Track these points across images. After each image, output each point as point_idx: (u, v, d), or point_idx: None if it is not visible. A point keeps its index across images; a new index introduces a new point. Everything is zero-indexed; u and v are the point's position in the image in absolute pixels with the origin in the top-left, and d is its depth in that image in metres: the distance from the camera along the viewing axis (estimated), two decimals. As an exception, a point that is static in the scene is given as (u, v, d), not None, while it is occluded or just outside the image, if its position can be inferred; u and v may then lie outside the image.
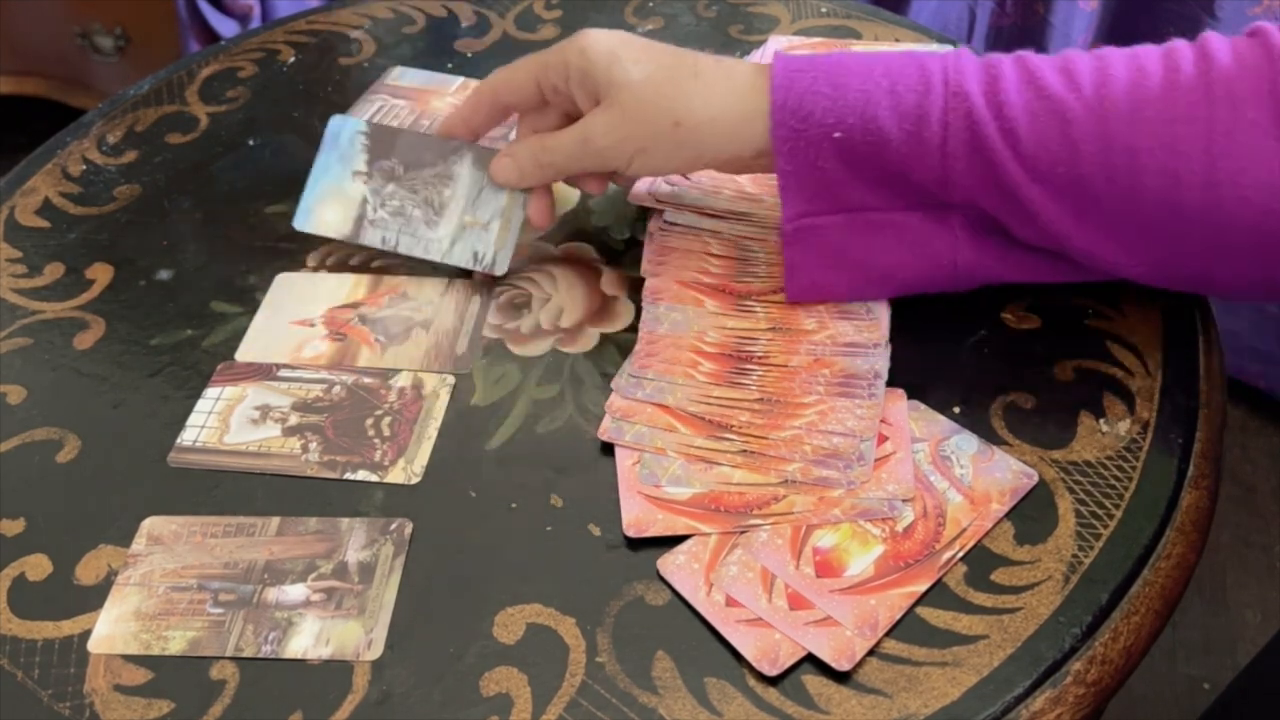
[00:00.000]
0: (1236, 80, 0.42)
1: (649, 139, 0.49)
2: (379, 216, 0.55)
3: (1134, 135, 0.42)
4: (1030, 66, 0.45)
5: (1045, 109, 0.43)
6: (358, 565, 0.43)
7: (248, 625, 0.42)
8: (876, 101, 0.45)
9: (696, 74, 0.48)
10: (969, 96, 0.44)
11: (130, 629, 0.42)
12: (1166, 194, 0.42)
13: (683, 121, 0.48)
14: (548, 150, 0.52)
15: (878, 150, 0.45)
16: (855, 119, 0.45)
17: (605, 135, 0.49)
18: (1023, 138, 0.44)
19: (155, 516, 0.45)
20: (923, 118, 0.45)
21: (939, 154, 0.45)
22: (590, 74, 0.49)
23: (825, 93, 0.45)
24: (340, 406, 0.49)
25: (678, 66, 0.48)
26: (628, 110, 0.48)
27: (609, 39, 0.49)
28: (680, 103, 0.48)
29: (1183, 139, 0.42)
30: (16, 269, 0.57)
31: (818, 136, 0.46)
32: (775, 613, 0.41)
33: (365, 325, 0.53)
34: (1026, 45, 1.27)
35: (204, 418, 0.49)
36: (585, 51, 0.49)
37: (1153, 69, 0.43)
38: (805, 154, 0.46)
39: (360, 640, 0.41)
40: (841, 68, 0.46)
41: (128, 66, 1.50)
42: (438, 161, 0.56)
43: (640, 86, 0.48)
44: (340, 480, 0.46)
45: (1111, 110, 0.43)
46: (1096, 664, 0.40)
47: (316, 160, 0.57)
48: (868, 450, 0.45)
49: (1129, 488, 0.44)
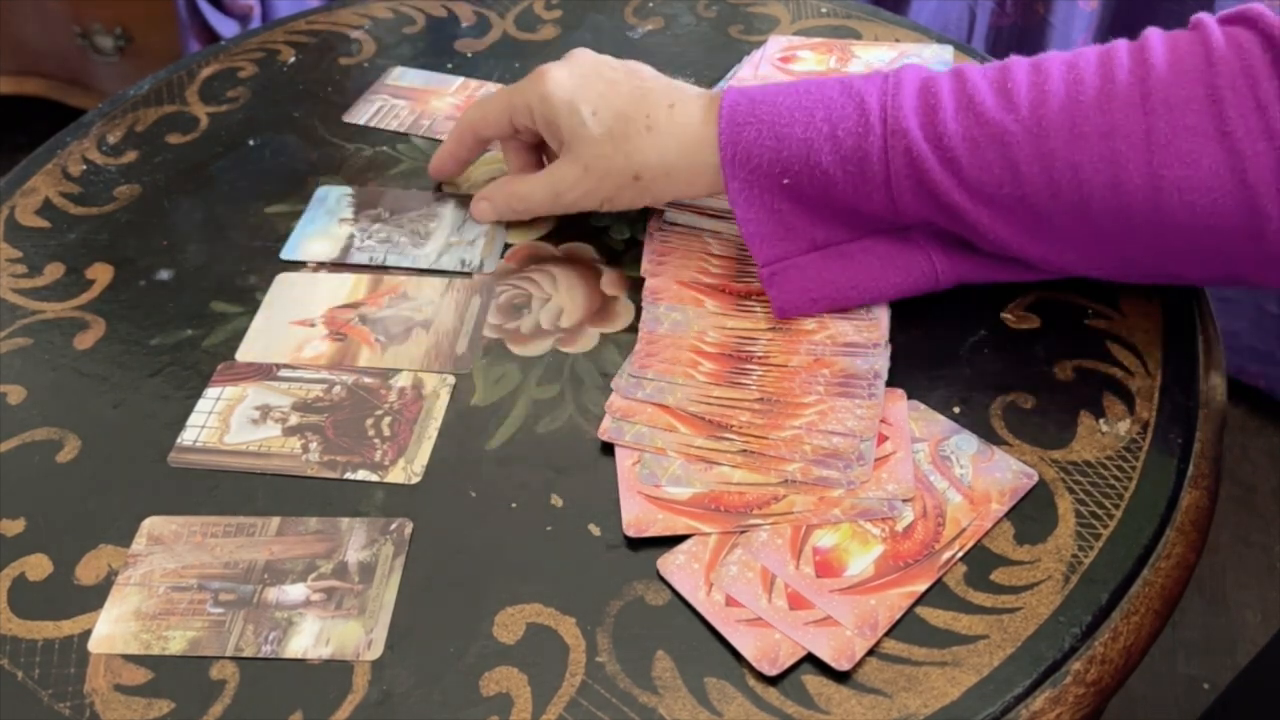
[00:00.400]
0: (1173, 85, 0.42)
1: (613, 190, 0.51)
2: (366, 244, 0.57)
3: (1074, 152, 0.43)
4: (969, 89, 0.45)
5: (984, 134, 0.44)
6: (358, 565, 0.43)
7: (248, 625, 0.42)
8: (818, 148, 0.46)
9: (650, 127, 0.49)
10: (907, 134, 0.45)
11: (130, 629, 0.42)
12: (1111, 205, 0.43)
13: (641, 175, 0.50)
14: (520, 198, 0.55)
15: (825, 192, 0.47)
16: (800, 165, 0.47)
17: (572, 189, 0.52)
18: (964, 165, 0.44)
19: (155, 516, 0.45)
20: (864, 158, 0.46)
21: (884, 190, 0.46)
22: (552, 121, 0.52)
23: (769, 144, 0.47)
24: (340, 406, 0.49)
25: (632, 119, 0.50)
26: (590, 165, 0.51)
27: (569, 83, 0.51)
28: (636, 158, 0.50)
29: (1122, 153, 0.42)
30: (16, 269, 0.57)
31: (769, 184, 0.47)
32: (775, 613, 0.41)
33: (365, 325, 0.53)
34: (1026, 45, 1.28)
35: (204, 418, 0.49)
36: (546, 99, 0.51)
37: (1089, 79, 0.43)
38: (761, 200, 0.48)
39: (360, 640, 0.41)
40: (783, 115, 0.47)
41: (128, 66, 1.50)
42: (422, 206, 0.59)
43: (599, 143, 0.50)
44: (340, 480, 0.46)
45: (1050, 128, 0.43)
46: (1096, 664, 0.40)
47: (303, 216, 0.59)
48: (868, 450, 0.45)
49: (1129, 488, 0.44)
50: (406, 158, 0.63)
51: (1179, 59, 0.43)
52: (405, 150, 0.63)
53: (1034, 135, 0.43)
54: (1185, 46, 0.43)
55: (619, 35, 0.71)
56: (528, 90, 0.52)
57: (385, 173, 0.62)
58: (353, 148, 0.64)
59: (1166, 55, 0.43)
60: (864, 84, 0.47)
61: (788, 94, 0.48)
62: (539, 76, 0.52)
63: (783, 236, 0.49)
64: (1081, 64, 0.44)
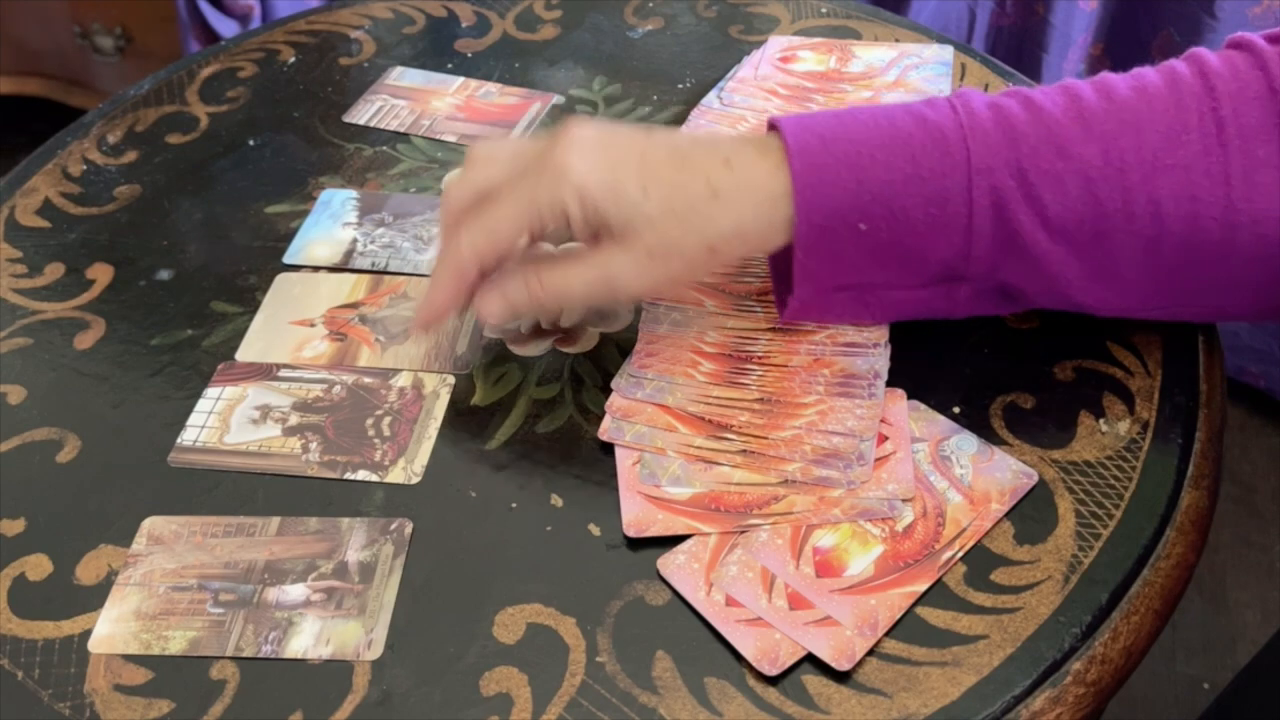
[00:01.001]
0: (1244, 115, 0.42)
1: (683, 269, 0.45)
2: (369, 249, 0.57)
3: (1154, 186, 0.42)
4: (1048, 122, 0.43)
5: (1068, 169, 0.43)
6: (358, 565, 0.43)
7: (248, 625, 0.42)
8: (903, 191, 0.43)
9: (715, 193, 0.43)
10: (992, 171, 0.43)
11: (131, 629, 0.42)
12: (1187, 239, 0.43)
13: (717, 247, 0.44)
14: (556, 293, 0.45)
15: (899, 236, 0.44)
16: (880, 209, 0.43)
17: (636, 279, 0.44)
18: (1048, 203, 0.43)
19: (155, 516, 0.45)
20: (946, 199, 0.43)
21: (964, 232, 0.44)
22: (599, 215, 0.43)
23: (849, 188, 0.43)
24: (340, 406, 0.49)
25: (691, 188, 0.43)
26: (654, 250, 0.44)
27: (598, 165, 0.43)
28: (710, 231, 0.44)
29: (1201, 186, 0.42)
30: (16, 269, 0.57)
31: (841, 228, 0.44)
32: (775, 613, 0.41)
33: (365, 325, 0.53)
34: (1026, 45, 1.28)
35: (204, 418, 0.49)
36: (585, 194, 0.43)
37: (1160, 109, 0.43)
38: (828, 245, 0.44)
39: (360, 640, 0.41)
40: (861, 155, 0.43)
41: (128, 66, 1.50)
42: (425, 211, 0.59)
43: (663, 225, 0.43)
44: (341, 480, 0.46)
45: (1131, 162, 0.42)
46: (1096, 664, 0.40)
47: (306, 220, 0.59)
48: (868, 450, 0.45)
49: (1129, 488, 0.44)
50: (406, 158, 0.63)
51: (1244, 86, 0.42)
52: (405, 150, 0.63)
53: (1117, 169, 0.42)
54: (1246, 72, 0.43)
55: (619, 35, 0.71)
56: (553, 191, 0.43)
57: (385, 172, 0.62)
58: (353, 148, 0.64)
59: (1232, 83, 0.42)
60: (936, 115, 0.44)
61: (858, 130, 0.44)
62: (558, 171, 0.43)
63: (830, 275, 0.46)
64: (1151, 90, 0.43)
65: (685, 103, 0.65)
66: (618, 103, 0.65)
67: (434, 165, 0.62)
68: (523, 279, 0.45)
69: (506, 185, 0.45)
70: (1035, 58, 1.26)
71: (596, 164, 0.43)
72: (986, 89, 0.64)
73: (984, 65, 0.66)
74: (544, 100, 0.66)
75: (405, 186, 0.61)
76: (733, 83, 0.64)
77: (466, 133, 0.64)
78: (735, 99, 0.63)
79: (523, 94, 0.67)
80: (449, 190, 0.47)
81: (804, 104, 0.62)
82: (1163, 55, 1.19)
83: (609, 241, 0.44)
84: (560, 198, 0.43)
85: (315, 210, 0.59)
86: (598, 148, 0.44)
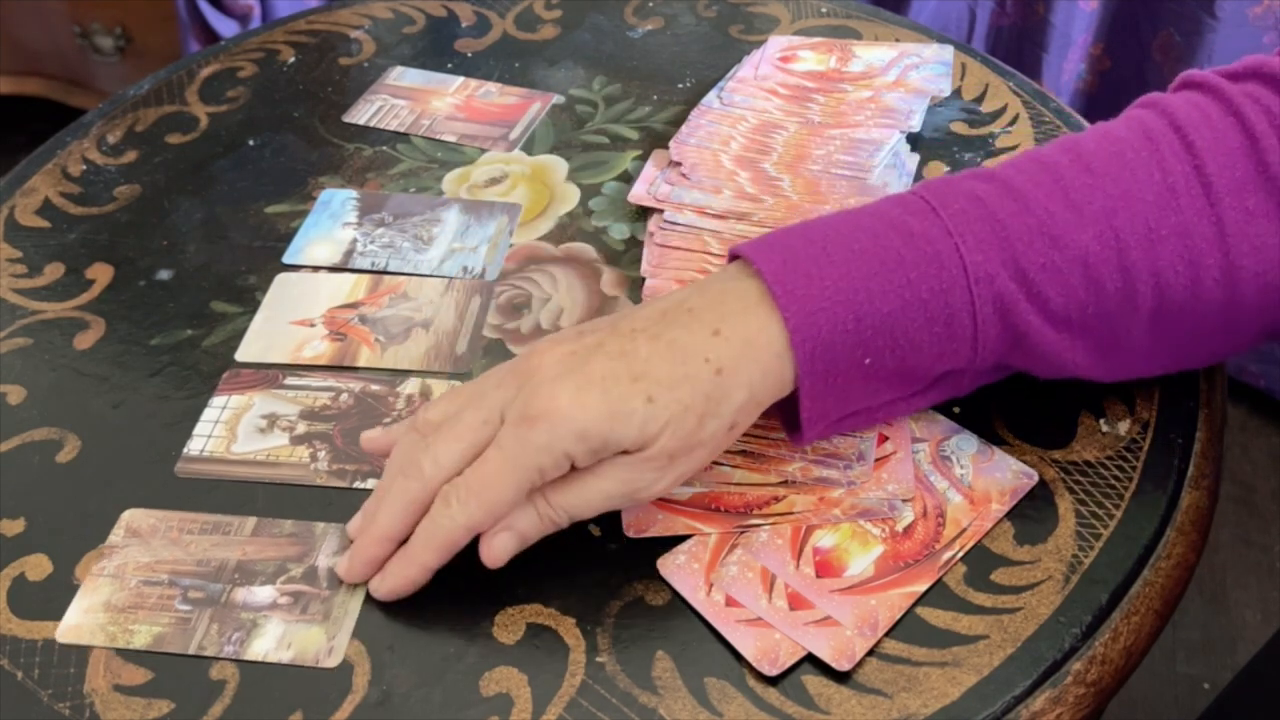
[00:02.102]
0: (1226, 169, 0.41)
1: (708, 457, 0.42)
2: (369, 249, 0.57)
3: (1154, 258, 0.41)
4: (1036, 211, 0.41)
5: (1065, 259, 0.41)
6: (328, 571, 0.43)
7: (213, 624, 0.42)
8: (904, 318, 0.41)
9: (719, 371, 0.40)
10: (994, 280, 0.41)
11: (98, 620, 0.42)
12: (1190, 302, 0.42)
13: (738, 423, 0.41)
14: (569, 516, 0.41)
15: (904, 361, 0.42)
16: (883, 340, 0.41)
17: (661, 483, 0.41)
18: (1051, 297, 0.41)
19: (135, 509, 0.45)
20: (951, 316, 0.41)
21: (970, 344, 0.42)
22: (609, 447, 0.39)
23: (849, 329, 0.40)
24: (348, 414, 0.49)
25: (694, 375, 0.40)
26: (677, 452, 0.40)
27: (590, 399, 0.39)
28: (725, 410, 0.40)
29: (1199, 250, 0.41)
30: (16, 269, 0.57)
31: (845, 366, 0.41)
32: (775, 613, 0.41)
33: (365, 325, 0.53)
34: (1026, 45, 1.28)
35: (210, 426, 0.49)
36: (587, 435, 0.39)
37: (1144, 174, 0.42)
38: (832, 384, 0.42)
39: (321, 647, 0.41)
40: (856, 290, 0.41)
41: (128, 66, 1.51)
42: (425, 211, 0.58)
43: (680, 423, 0.40)
44: (349, 489, 0.46)
45: (1129, 240, 0.41)
46: (1096, 664, 0.40)
47: (306, 220, 0.59)
48: (868, 450, 0.45)
49: (1129, 488, 0.44)
50: (406, 157, 0.63)
51: (1220, 137, 0.42)
52: (405, 150, 0.63)
53: (1114, 250, 0.41)
54: (1218, 120, 0.42)
55: (619, 35, 0.71)
56: (550, 444, 0.39)
57: (385, 172, 0.62)
58: (353, 148, 0.64)
59: (1207, 134, 0.42)
60: (920, 225, 0.42)
61: (842, 256, 0.41)
62: (548, 419, 0.39)
63: (841, 410, 0.43)
64: (1130, 155, 0.42)
65: (685, 103, 0.65)
66: (618, 103, 0.65)
67: (434, 165, 0.62)
68: (533, 508, 0.41)
69: (478, 438, 0.40)
70: (1035, 58, 1.26)
71: (585, 393, 0.39)
72: (986, 89, 0.64)
73: (984, 65, 0.66)
74: (544, 100, 0.66)
75: (405, 186, 0.61)
76: (733, 82, 0.64)
77: (466, 133, 0.64)
78: (735, 99, 0.63)
79: (523, 94, 0.67)
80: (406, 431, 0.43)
81: (804, 104, 0.62)
82: (1163, 55, 1.19)
83: (620, 456, 0.40)
84: (561, 449, 0.39)
85: (315, 210, 0.59)
86: (576, 373, 0.40)
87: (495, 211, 0.59)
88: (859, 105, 0.62)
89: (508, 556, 0.41)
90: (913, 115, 0.60)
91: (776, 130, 0.60)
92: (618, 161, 0.61)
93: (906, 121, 0.60)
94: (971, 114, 0.62)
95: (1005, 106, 0.63)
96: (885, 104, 0.61)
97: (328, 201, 0.60)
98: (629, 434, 0.39)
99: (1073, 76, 1.28)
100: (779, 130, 0.60)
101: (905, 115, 0.60)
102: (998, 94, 0.64)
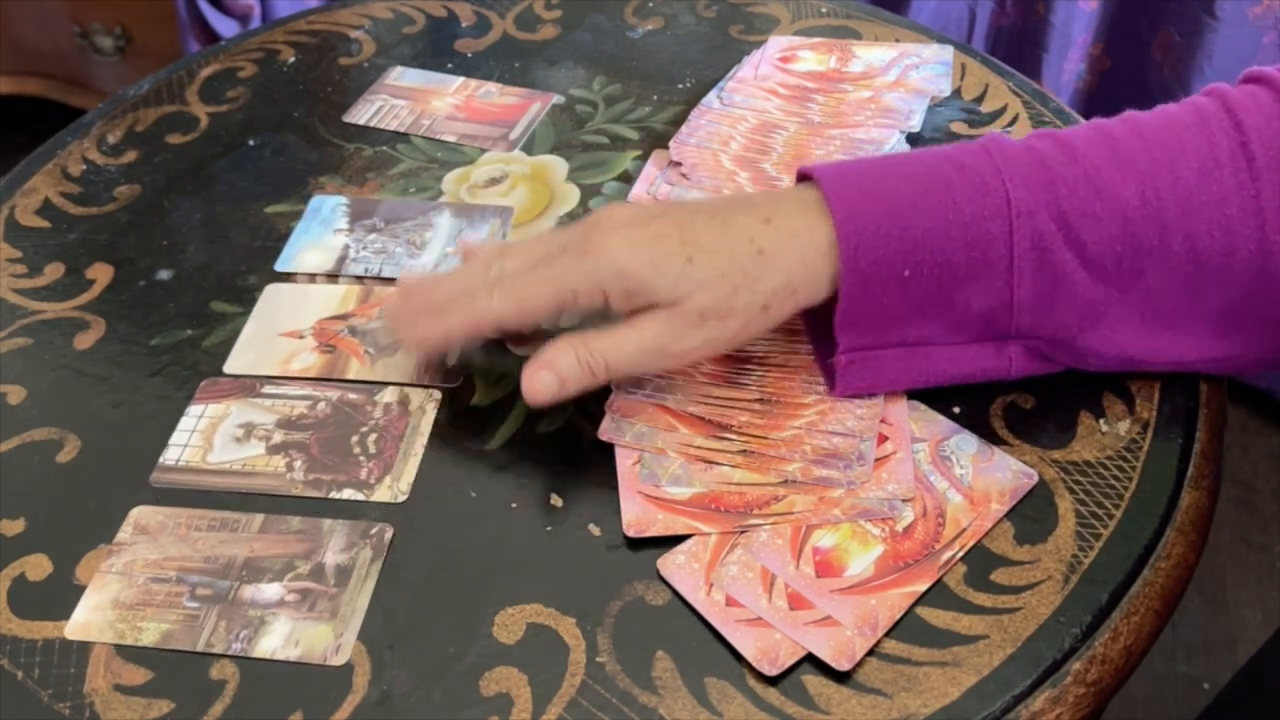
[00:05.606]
0: (1272, 148, 0.42)
1: (739, 331, 0.44)
2: (361, 255, 0.57)
3: (1191, 222, 0.43)
4: (1084, 163, 0.43)
5: (1106, 209, 0.43)
6: (335, 568, 0.43)
7: (221, 621, 0.42)
8: (945, 236, 0.43)
9: (761, 251, 0.43)
10: (1034, 215, 0.43)
11: (107, 617, 0.42)
12: (1224, 273, 0.43)
13: (770, 304, 0.44)
14: (605, 361, 0.44)
15: (942, 284, 0.44)
16: (924, 255, 0.43)
17: (691, 341, 0.44)
18: (1088, 242, 0.43)
19: (144, 506, 0.45)
20: (989, 243, 0.43)
21: (1005, 275, 0.44)
22: (643, 290, 0.43)
23: (893, 235, 0.43)
24: (325, 424, 0.48)
25: (737, 248, 0.43)
26: (708, 313, 0.43)
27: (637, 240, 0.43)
28: (760, 288, 0.43)
29: (1235, 220, 0.42)
30: (16, 269, 0.57)
31: (885, 275, 0.43)
32: (775, 613, 0.41)
33: (355, 337, 0.52)
34: (1026, 45, 1.28)
35: (187, 436, 0.48)
36: (627, 271, 0.43)
37: (1191, 145, 0.43)
38: (870, 291, 0.44)
39: (329, 644, 0.41)
40: (902, 202, 0.43)
41: (128, 66, 1.50)
42: (417, 216, 0.58)
43: (713, 286, 0.43)
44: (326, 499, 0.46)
45: (1169, 201, 0.43)
46: (1096, 664, 0.40)
47: (297, 227, 0.58)
48: (868, 450, 0.45)
49: (1129, 488, 0.44)
50: (406, 158, 0.63)
51: (1269, 120, 0.43)
52: (405, 150, 0.63)
53: (1155, 208, 0.43)
54: (1269, 105, 0.43)
55: (619, 35, 0.71)
56: (592, 271, 0.43)
57: (385, 172, 0.62)
58: (353, 148, 0.64)
59: (1257, 116, 0.43)
60: (972, 160, 0.44)
61: (895, 178, 0.44)
62: (597, 253, 0.43)
63: (873, 326, 0.45)
64: (1180, 126, 0.44)
65: (685, 103, 0.65)
66: (618, 103, 0.65)
67: (434, 165, 0.62)
68: (572, 351, 0.44)
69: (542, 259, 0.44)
70: (1035, 57, 1.26)
71: (636, 243, 0.43)
72: (986, 89, 0.64)
73: (984, 65, 0.66)
74: (544, 100, 0.66)
75: (405, 186, 0.61)
76: (733, 82, 0.64)
77: (466, 133, 0.64)
78: (735, 99, 0.63)
79: (523, 94, 0.67)
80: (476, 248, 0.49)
81: (804, 104, 0.62)
82: (1163, 55, 1.19)
83: (657, 309, 0.43)
84: (599, 278, 0.43)
85: (305, 217, 0.59)
86: (634, 226, 0.43)
87: (488, 215, 0.59)
88: (859, 105, 0.62)
89: (548, 395, 0.44)
90: (913, 115, 0.60)
91: (776, 130, 0.60)
92: (618, 161, 0.61)
93: (906, 121, 0.60)
94: (971, 114, 0.62)
95: (1005, 106, 0.63)
96: (885, 104, 0.61)
97: (318, 208, 0.59)
98: (663, 283, 0.43)
99: (1073, 76, 1.28)
100: (779, 130, 0.60)
101: (905, 115, 0.60)
102: (997, 94, 0.64)
